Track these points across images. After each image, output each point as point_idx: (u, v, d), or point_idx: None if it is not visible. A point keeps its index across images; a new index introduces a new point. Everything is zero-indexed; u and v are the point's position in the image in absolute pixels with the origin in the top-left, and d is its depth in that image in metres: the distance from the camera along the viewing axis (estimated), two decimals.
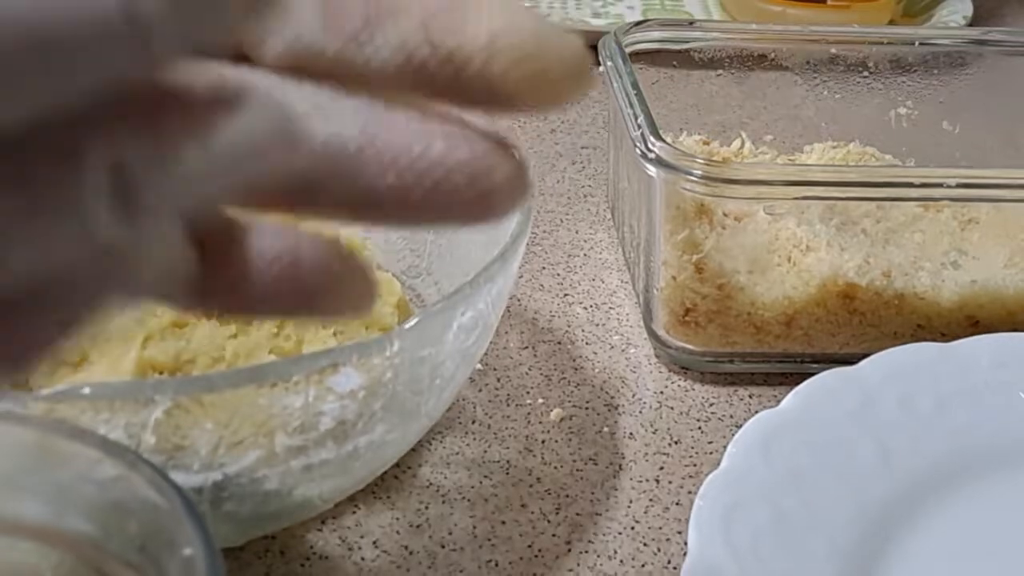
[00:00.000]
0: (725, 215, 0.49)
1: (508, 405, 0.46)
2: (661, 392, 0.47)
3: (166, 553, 0.25)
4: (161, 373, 0.36)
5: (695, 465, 0.44)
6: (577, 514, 0.41)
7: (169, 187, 0.15)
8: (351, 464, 0.35)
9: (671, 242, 0.47)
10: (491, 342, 0.41)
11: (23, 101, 0.14)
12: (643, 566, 0.39)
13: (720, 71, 0.58)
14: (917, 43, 0.59)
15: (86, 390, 0.30)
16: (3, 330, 0.15)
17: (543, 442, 0.44)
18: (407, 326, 0.33)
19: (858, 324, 0.48)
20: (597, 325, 0.51)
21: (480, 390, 0.47)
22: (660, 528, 0.41)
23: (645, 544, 0.40)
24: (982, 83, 0.58)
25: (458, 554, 0.39)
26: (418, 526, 0.40)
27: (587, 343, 0.50)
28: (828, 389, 0.42)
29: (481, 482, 0.42)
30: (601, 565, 0.39)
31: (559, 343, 0.50)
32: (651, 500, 0.42)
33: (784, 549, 0.37)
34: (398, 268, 0.47)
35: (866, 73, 0.58)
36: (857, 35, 0.59)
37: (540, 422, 0.45)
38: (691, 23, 0.60)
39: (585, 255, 0.56)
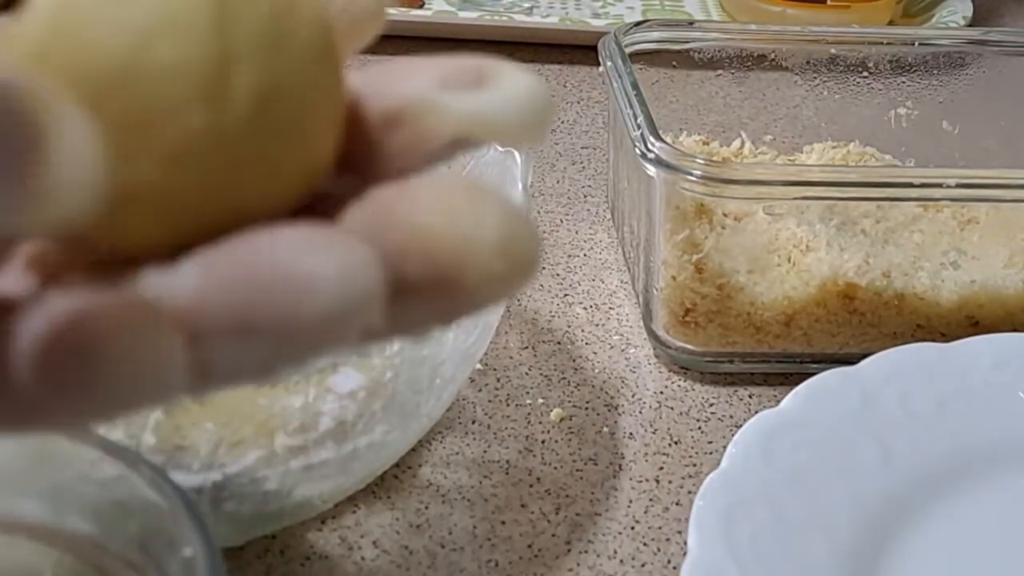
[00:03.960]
0: (725, 215, 0.49)
1: (508, 405, 0.46)
2: (661, 392, 0.48)
3: (166, 553, 0.25)
4: None
5: (695, 465, 0.44)
6: (577, 514, 0.41)
7: None
8: (351, 464, 0.35)
9: (671, 242, 0.47)
10: (491, 342, 0.41)
11: None
12: (643, 566, 0.39)
13: (720, 71, 0.58)
14: (917, 43, 0.59)
15: None
16: None
17: (543, 442, 0.44)
18: None
19: (858, 324, 0.48)
20: (597, 325, 0.51)
21: (480, 390, 0.47)
22: (660, 528, 0.41)
23: (645, 544, 0.40)
24: (982, 83, 0.58)
25: (458, 554, 0.39)
26: (418, 526, 0.40)
27: (587, 343, 0.50)
28: (828, 389, 0.42)
29: (481, 482, 0.42)
30: (601, 565, 0.39)
31: (559, 343, 0.50)
32: (651, 500, 0.42)
33: (784, 549, 0.37)
34: None
35: (866, 73, 0.58)
36: (857, 35, 0.59)
37: (540, 422, 0.45)
38: (691, 23, 0.60)
39: (585, 255, 0.56)
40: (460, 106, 0.18)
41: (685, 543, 0.36)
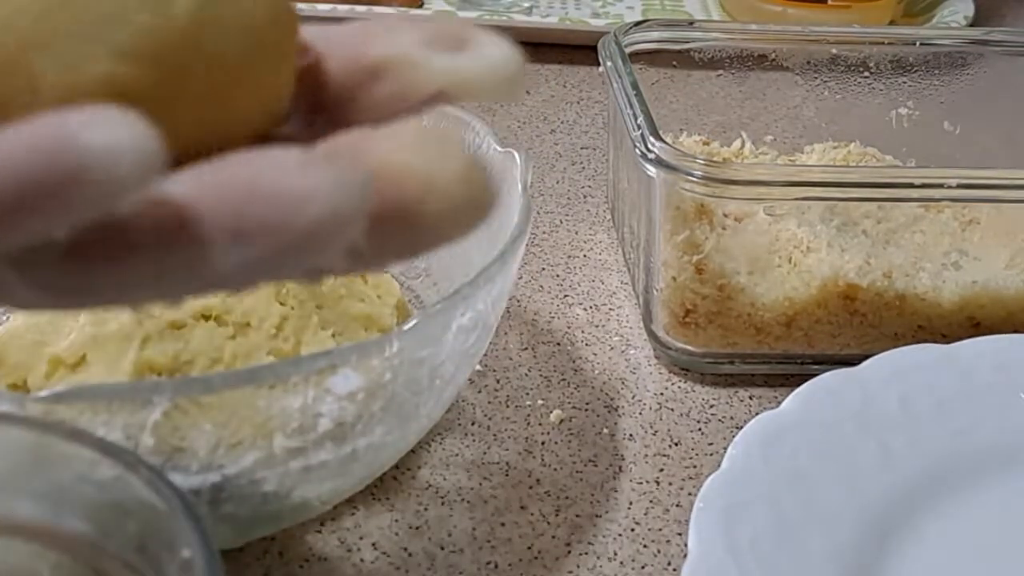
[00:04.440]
0: (725, 216, 0.49)
1: (508, 406, 0.46)
2: (661, 393, 0.47)
3: (165, 554, 0.25)
4: (159, 374, 0.36)
5: (695, 466, 0.44)
6: (577, 516, 0.41)
7: None
8: (350, 465, 0.35)
9: (671, 243, 0.47)
10: (490, 343, 0.41)
11: None
12: (643, 567, 0.39)
13: (720, 71, 0.58)
14: (918, 43, 0.58)
15: (84, 391, 0.29)
16: None
17: (543, 444, 0.44)
18: (406, 327, 0.33)
19: (859, 325, 0.48)
20: (597, 326, 0.51)
21: (479, 391, 0.47)
22: (660, 529, 0.41)
23: (645, 546, 0.40)
24: (983, 83, 0.58)
25: (457, 556, 0.39)
26: (417, 528, 0.40)
27: (587, 344, 0.50)
28: (829, 390, 0.42)
29: (481, 484, 0.42)
30: (601, 567, 0.39)
31: (559, 344, 0.50)
32: (651, 501, 0.42)
33: (784, 550, 0.37)
34: (397, 269, 0.47)
35: (867, 73, 0.58)
36: (858, 35, 0.59)
37: (540, 423, 0.45)
38: (691, 23, 0.59)
39: (585, 256, 0.56)
40: (443, 64, 0.20)
41: (685, 544, 0.36)
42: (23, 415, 0.29)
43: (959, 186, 0.46)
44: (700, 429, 0.46)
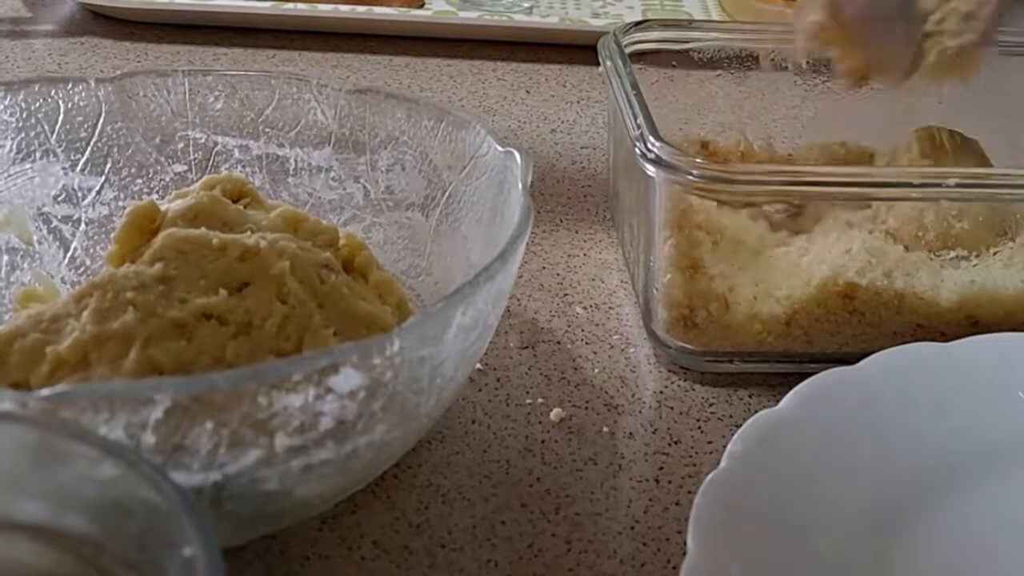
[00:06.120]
0: None
1: (508, 405, 0.46)
2: (661, 392, 0.48)
3: (166, 553, 0.25)
4: (161, 373, 0.36)
5: (695, 465, 0.44)
6: (577, 514, 0.41)
7: None
8: (351, 464, 0.35)
9: (671, 242, 0.47)
10: (491, 342, 0.41)
11: None
12: (643, 566, 0.39)
13: (720, 71, 0.58)
14: None
15: (86, 390, 0.30)
16: None
17: (543, 442, 0.44)
18: (407, 326, 0.33)
19: (858, 324, 0.48)
20: (597, 325, 0.51)
21: (480, 390, 0.47)
22: (660, 528, 0.41)
23: (645, 544, 0.40)
24: (982, 83, 0.58)
25: (458, 554, 0.39)
26: (418, 526, 0.40)
27: (587, 343, 0.50)
28: (828, 389, 0.42)
29: (481, 482, 0.42)
30: (601, 565, 0.39)
31: (559, 343, 0.50)
32: (651, 500, 0.42)
33: (783, 549, 0.37)
34: (398, 268, 0.47)
35: None
36: None
37: (540, 422, 0.45)
38: (691, 23, 0.60)
39: (585, 255, 0.56)
40: None
41: (685, 543, 0.36)
42: (25, 414, 0.29)
43: (957, 185, 0.46)
44: (700, 427, 0.46)
